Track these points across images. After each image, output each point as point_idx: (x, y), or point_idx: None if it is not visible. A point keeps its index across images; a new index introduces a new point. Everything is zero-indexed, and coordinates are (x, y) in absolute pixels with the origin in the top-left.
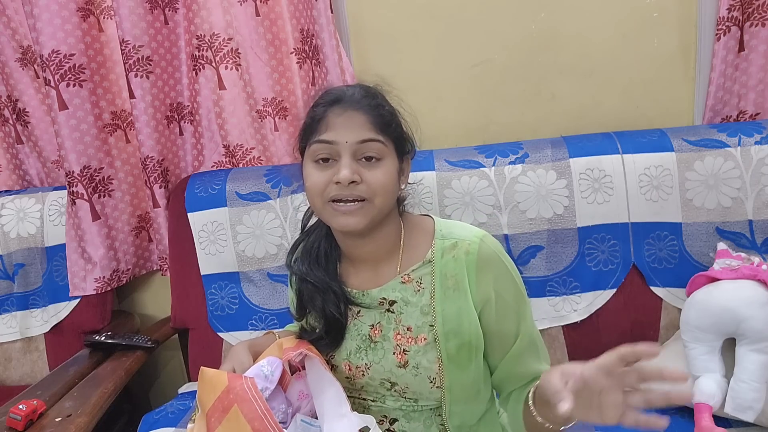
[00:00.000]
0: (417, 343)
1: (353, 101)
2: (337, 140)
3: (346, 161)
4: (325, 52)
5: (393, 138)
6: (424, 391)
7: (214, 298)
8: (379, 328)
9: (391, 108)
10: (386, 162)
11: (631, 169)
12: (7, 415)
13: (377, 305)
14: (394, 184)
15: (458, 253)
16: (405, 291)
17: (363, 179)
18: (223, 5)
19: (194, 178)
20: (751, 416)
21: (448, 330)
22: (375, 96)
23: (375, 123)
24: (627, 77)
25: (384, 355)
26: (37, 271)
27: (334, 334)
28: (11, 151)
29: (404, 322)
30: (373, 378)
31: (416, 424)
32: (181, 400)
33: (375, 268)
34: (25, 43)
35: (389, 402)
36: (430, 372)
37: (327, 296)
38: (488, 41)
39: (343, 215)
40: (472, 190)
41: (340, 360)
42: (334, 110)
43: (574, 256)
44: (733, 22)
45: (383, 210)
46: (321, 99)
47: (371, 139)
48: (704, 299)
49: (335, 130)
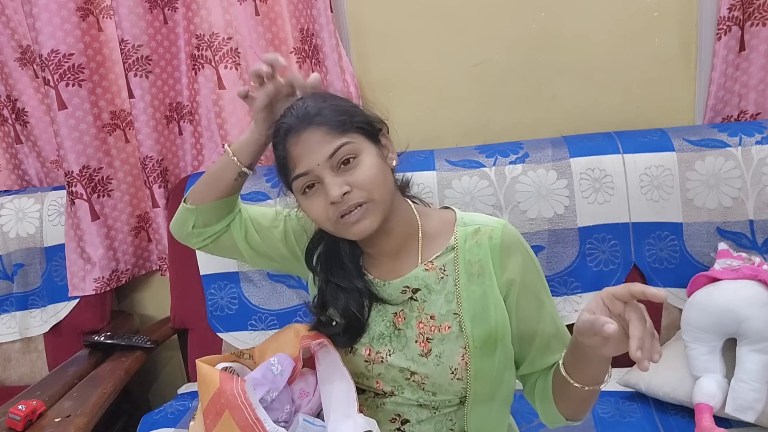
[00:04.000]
0: (441, 332)
1: (301, 123)
2: (310, 167)
3: (328, 180)
4: (325, 52)
5: (357, 129)
6: (443, 383)
7: (213, 298)
8: (403, 316)
9: (341, 101)
10: (362, 157)
11: (632, 169)
12: (6, 416)
13: (400, 294)
14: (381, 170)
15: (482, 238)
16: (428, 278)
17: (351, 185)
18: (223, 4)
19: (194, 177)
20: (752, 416)
21: (473, 316)
22: (317, 101)
23: (331, 129)
24: (627, 77)
25: (406, 343)
26: (37, 271)
27: (352, 332)
28: (10, 151)
29: (427, 311)
30: (393, 365)
31: (427, 428)
32: (181, 401)
33: (396, 259)
34: (25, 43)
35: (407, 393)
36: (453, 362)
37: (351, 295)
38: (488, 41)
39: (355, 224)
40: (473, 190)
41: (362, 344)
42: (290, 141)
43: (574, 256)
44: (733, 21)
45: (387, 200)
46: (275, 137)
47: (337, 147)
48: (705, 299)
49: (302, 159)
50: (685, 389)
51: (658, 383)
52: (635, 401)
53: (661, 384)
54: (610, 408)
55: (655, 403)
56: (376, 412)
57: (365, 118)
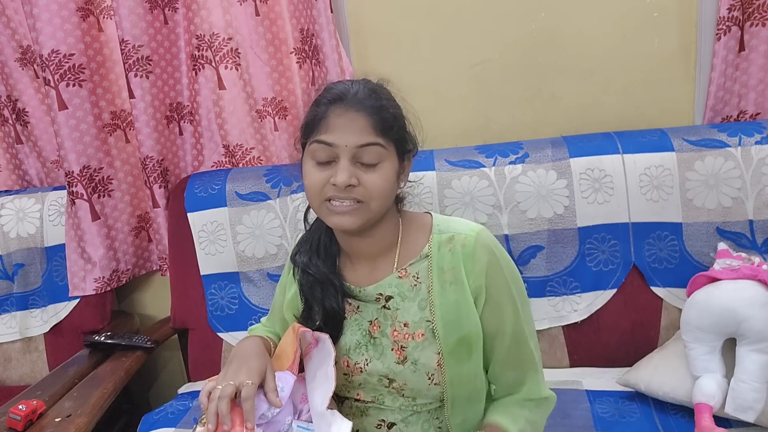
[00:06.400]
0: (414, 339)
1: (355, 101)
2: (337, 143)
3: (344, 164)
4: (325, 52)
5: (394, 139)
6: (422, 389)
7: (213, 298)
8: (377, 324)
9: (395, 108)
10: (385, 165)
11: (632, 169)
12: (6, 416)
13: (374, 301)
14: (392, 186)
15: (455, 246)
16: (401, 286)
17: (360, 182)
18: (223, 5)
19: (194, 178)
20: (752, 416)
21: (447, 323)
22: (379, 96)
23: (376, 126)
24: (627, 77)
25: (383, 351)
26: (37, 271)
27: (332, 325)
28: (11, 151)
29: (400, 318)
30: (371, 374)
31: (414, 428)
32: (181, 401)
33: (372, 265)
34: (25, 43)
35: (387, 401)
36: (429, 368)
37: (326, 289)
38: (488, 41)
39: (338, 215)
40: (473, 190)
41: (340, 356)
42: (336, 110)
43: (574, 256)
44: (733, 21)
45: (379, 212)
46: (323, 96)
47: (371, 143)
48: (705, 299)
49: (335, 131)
50: (684, 389)
51: (658, 383)
52: (635, 401)
53: (660, 384)
54: (610, 408)
55: (654, 402)
56: (362, 420)
57: (405, 134)
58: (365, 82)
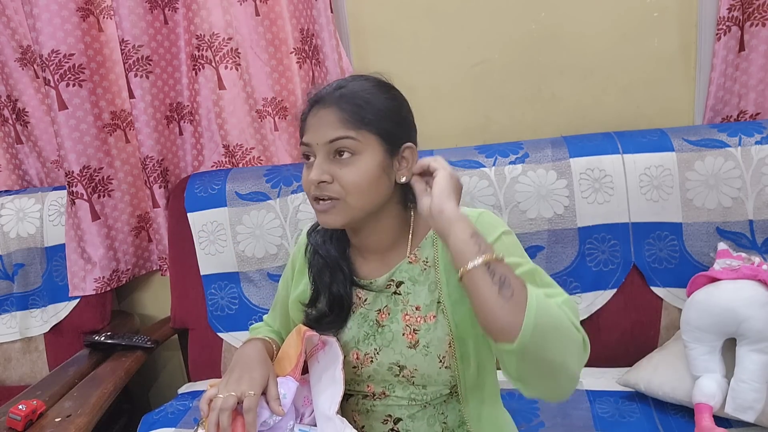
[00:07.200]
0: (426, 321)
1: (328, 99)
2: (311, 141)
3: (317, 161)
4: (325, 52)
5: (375, 131)
6: (432, 373)
7: (213, 298)
8: (387, 312)
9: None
10: (362, 158)
11: (632, 169)
12: (6, 416)
13: (385, 289)
14: (373, 178)
15: None
16: (412, 270)
17: (335, 178)
18: (223, 5)
19: (194, 178)
20: (752, 416)
21: (454, 300)
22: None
23: (347, 119)
24: (627, 77)
25: (393, 337)
26: (37, 271)
27: (337, 311)
28: (11, 151)
29: (412, 302)
30: (382, 364)
31: (420, 423)
32: (181, 401)
33: (383, 258)
34: (25, 43)
35: (398, 391)
36: (440, 351)
37: (335, 274)
38: (488, 41)
39: (320, 213)
40: (473, 190)
41: (348, 350)
42: (312, 110)
43: (574, 256)
44: (733, 21)
45: (364, 207)
46: (308, 97)
47: (339, 137)
48: (705, 299)
49: (309, 131)
50: (684, 389)
51: (658, 383)
52: (635, 401)
53: (660, 384)
54: (610, 408)
55: (654, 402)
56: (368, 416)
57: (392, 126)
58: (352, 77)
